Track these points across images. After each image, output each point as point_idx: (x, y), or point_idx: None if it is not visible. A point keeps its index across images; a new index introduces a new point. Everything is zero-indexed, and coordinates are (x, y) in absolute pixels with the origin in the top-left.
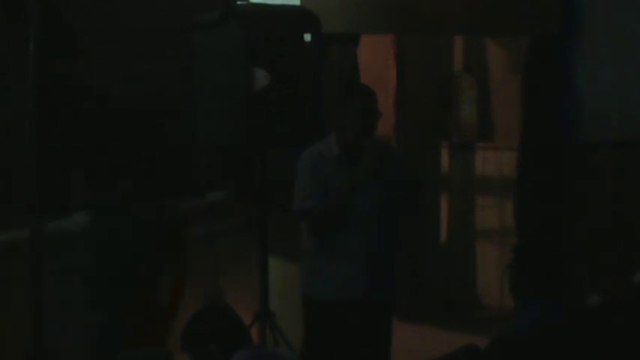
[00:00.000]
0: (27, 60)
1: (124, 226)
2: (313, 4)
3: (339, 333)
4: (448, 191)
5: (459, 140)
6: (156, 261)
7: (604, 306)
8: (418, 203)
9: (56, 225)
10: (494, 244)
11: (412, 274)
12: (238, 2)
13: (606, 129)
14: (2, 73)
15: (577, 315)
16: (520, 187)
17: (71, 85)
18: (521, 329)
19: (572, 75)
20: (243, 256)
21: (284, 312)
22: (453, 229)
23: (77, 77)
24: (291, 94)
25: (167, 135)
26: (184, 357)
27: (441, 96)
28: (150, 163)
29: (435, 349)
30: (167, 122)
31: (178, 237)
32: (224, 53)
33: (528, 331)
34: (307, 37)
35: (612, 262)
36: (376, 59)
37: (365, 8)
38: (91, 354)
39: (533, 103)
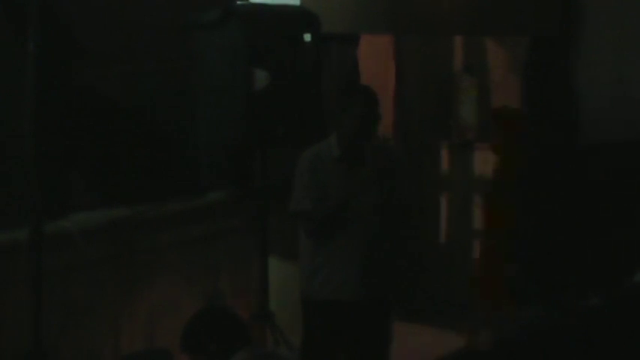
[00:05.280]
0: (27, 60)
1: None
2: (313, 4)
3: (338, 332)
4: (448, 191)
5: (459, 140)
6: None
7: (604, 306)
8: (412, 205)
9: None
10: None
11: (412, 274)
12: (238, 2)
13: (606, 129)
14: (2, 73)
15: (577, 315)
16: (520, 187)
17: (71, 85)
18: (522, 329)
19: (572, 75)
20: (243, 256)
21: (284, 312)
22: (452, 229)
23: (77, 77)
24: (291, 94)
25: (167, 135)
26: (184, 357)
27: (440, 96)
28: (150, 163)
29: (435, 349)
30: (167, 122)
31: None
32: (224, 53)
33: (528, 332)
34: (307, 37)
35: (612, 262)
36: (376, 59)
37: (365, 8)
38: None
39: (534, 104)
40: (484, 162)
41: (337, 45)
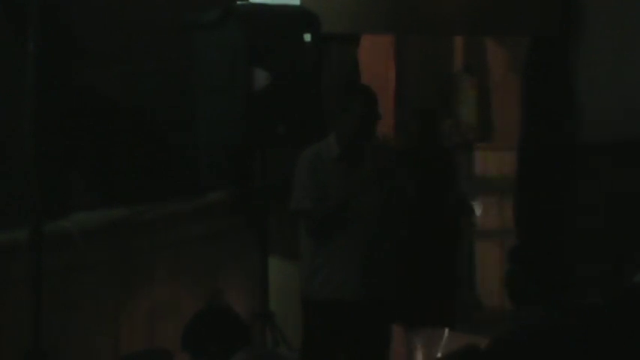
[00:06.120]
0: (27, 60)
1: None
2: (313, 4)
3: (338, 332)
4: None
5: (459, 140)
6: None
7: (604, 306)
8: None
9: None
10: (495, 244)
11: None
12: (238, 2)
13: (606, 129)
14: (2, 73)
15: (577, 315)
16: (520, 187)
17: (71, 85)
18: (522, 329)
19: (572, 75)
20: (243, 256)
21: (284, 312)
22: None
23: (77, 77)
24: (291, 94)
25: (167, 135)
26: (184, 357)
27: (440, 96)
28: (150, 163)
29: (434, 349)
30: (167, 122)
31: None
32: (224, 53)
33: (528, 332)
34: (307, 37)
35: (612, 263)
36: (376, 59)
37: (365, 8)
38: None
39: (533, 103)
40: (484, 162)
41: (337, 45)
